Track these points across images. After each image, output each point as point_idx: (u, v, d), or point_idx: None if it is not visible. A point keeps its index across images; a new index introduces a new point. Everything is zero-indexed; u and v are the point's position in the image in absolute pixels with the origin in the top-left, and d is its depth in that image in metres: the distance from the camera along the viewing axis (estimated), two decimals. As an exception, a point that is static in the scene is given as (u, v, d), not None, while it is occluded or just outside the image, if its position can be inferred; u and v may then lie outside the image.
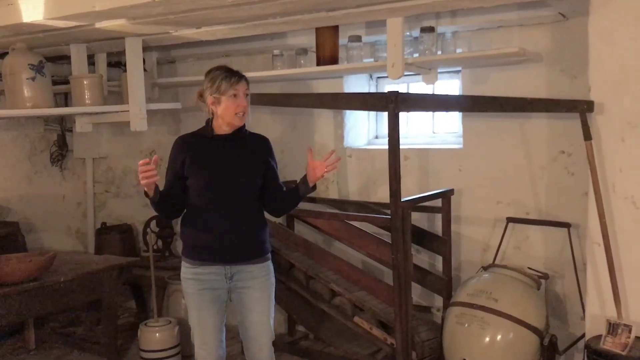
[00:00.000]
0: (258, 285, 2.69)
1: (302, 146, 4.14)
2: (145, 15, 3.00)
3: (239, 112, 2.62)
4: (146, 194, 2.55)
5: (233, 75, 2.62)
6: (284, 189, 2.79)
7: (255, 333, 2.72)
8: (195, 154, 2.66)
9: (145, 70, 3.97)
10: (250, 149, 2.73)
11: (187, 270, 2.69)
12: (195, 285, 2.66)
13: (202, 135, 2.71)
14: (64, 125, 5.09)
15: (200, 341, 2.71)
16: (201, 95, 2.69)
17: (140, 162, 2.45)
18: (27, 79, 3.47)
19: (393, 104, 2.70)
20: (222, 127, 2.68)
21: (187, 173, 2.65)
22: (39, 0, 2.99)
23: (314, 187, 2.68)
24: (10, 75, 3.50)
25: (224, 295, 2.71)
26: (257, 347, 2.74)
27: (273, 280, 2.77)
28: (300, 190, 2.69)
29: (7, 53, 3.61)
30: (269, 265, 2.76)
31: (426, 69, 3.44)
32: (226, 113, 2.62)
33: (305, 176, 2.66)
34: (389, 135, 2.75)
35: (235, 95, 2.60)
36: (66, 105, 4.80)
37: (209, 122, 2.70)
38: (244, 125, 2.74)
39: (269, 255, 2.77)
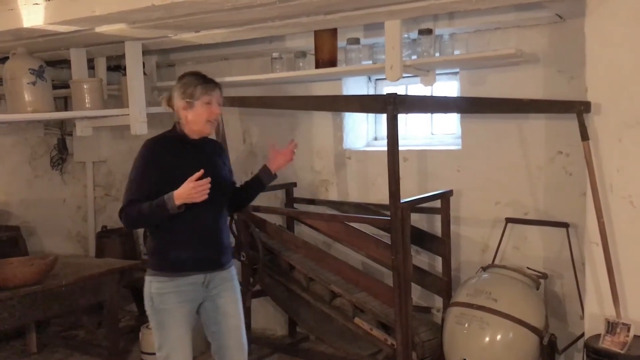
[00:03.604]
0: (231, 288, 2.67)
1: (302, 148, 4.14)
2: (145, 19, 3.01)
3: (212, 120, 2.57)
4: (165, 207, 2.41)
5: (209, 82, 2.57)
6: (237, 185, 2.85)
7: (235, 339, 2.66)
8: (174, 160, 2.55)
9: (144, 73, 3.98)
10: (216, 152, 2.72)
11: (163, 284, 2.55)
12: (175, 298, 2.54)
13: (176, 140, 2.61)
14: (63, 129, 5.11)
15: (181, 357, 2.56)
16: (169, 100, 2.64)
17: (202, 182, 2.40)
18: (27, 83, 3.47)
19: (392, 106, 2.71)
20: (191, 133, 2.61)
21: (165, 180, 2.49)
22: (39, 5, 3.00)
23: (276, 175, 2.82)
24: (11, 79, 3.51)
25: (196, 309, 2.63)
26: (240, 354, 2.67)
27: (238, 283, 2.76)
28: (264, 179, 2.78)
29: (7, 58, 3.62)
30: (234, 268, 2.74)
31: (424, 71, 3.46)
32: (198, 119, 2.55)
33: (265, 166, 2.80)
34: (388, 136, 2.77)
35: (209, 103, 2.55)
36: (66, 109, 4.81)
37: (176, 127, 2.62)
38: None
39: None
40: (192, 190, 2.40)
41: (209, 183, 2.42)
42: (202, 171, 2.43)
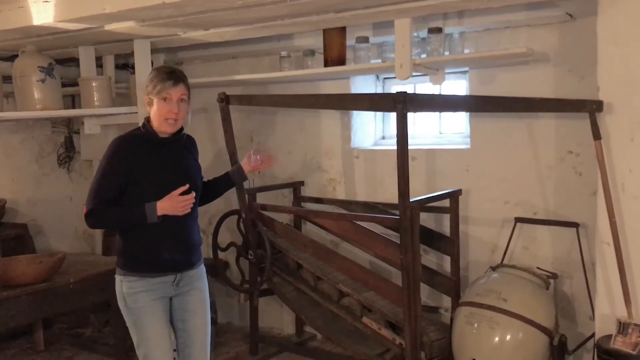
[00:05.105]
0: (200, 286, 2.65)
1: (310, 148, 4.17)
2: (155, 17, 3.02)
3: (170, 119, 2.45)
4: (144, 216, 2.42)
5: (170, 77, 2.43)
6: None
7: (200, 337, 2.65)
8: (142, 160, 2.46)
9: (153, 72, 3.98)
10: (188, 150, 2.66)
11: (134, 284, 2.50)
12: (148, 296, 2.50)
13: (144, 139, 2.51)
14: (71, 127, 5.11)
15: (160, 354, 2.53)
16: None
17: (188, 197, 2.45)
18: (37, 81, 3.48)
19: (401, 105, 2.70)
20: (158, 131, 2.51)
21: (132, 181, 2.44)
22: (49, 3, 3.01)
23: (247, 177, 2.94)
24: (20, 77, 3.52)
25: (169, 303, 2.61)
26: (203, 352, 2.66)
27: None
28: (236, 179, 2.89)
29: (17, 55, 3.63)
30: (204, 266, 2.73)
31: (434, 70, 3.44)
32: (155, 117, 2.47)
33: (240, 166, 2.89)
34: (398, 135, 2.75)
35: (165, 99, 2.43)
36: (73, 107, 4.81)
37: (147, 124, 2.52)
38: (182, 128, 2.60)
39: None
40: (178, 205, 2.43)
41: (181, 184, 2.45)
42: (187, 186, 2.47)
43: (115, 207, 2.46)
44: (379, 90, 4.09)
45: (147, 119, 2.53)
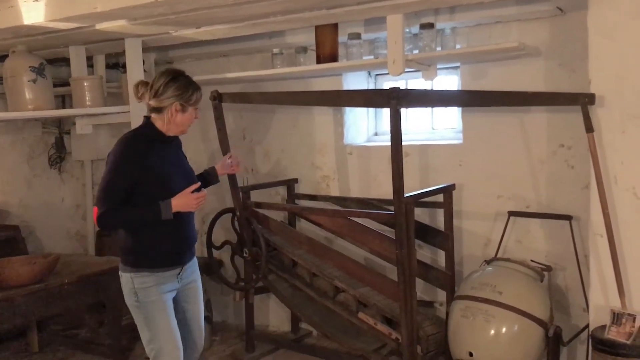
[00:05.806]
0: (197, 277, 2.82)
1: (303, 145, 4.17)
2: (147, 15, 3.01)
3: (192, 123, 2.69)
4: (159, 214, 2.50)
5: (199, 88, 2.63)
6: None
7: (198, 324, 2.82)
8: (152, 159, 2.54)
9: (144, 71, 3.96)
10: (179, 147, 2.79)
11: (146, 279, 2.56)
12: (158, 290, 2.59)
13: (151, 138, 2.59)
14: (61, 127, 5.08)
15: (172, 347, 2.61)
16: (142, 85, 2.59)
17: (202, 194, 2.60)
18: (28, 81, 3.47)
19: (395, 100, 2.71)
20: (167, 131, 2.60)
21: (147, 179, 2.51)
22: (39, 2, 2.99)
23: (219, 180, 3.10)
24: (11, 77, 3.50)
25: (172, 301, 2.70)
26: (199, 338, 2.83)
27: None
28: (210, 181, 3.00)
29: (7, 55, 3.60)
30: (196, 258, 2.86)
31: (426, 65, 3.46)
32: (185, 122, 2.62)
33: (214, 168, 3.06)
34: (392, 131, 2.77)
35: (196, 108, 2.64)
36: (63, 107, 4.78)
37: (151, 123, 2.60)
38: None
39: None
40: (192, 202, 2.56)
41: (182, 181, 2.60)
42: (199, 183, 2.64)
43: (128, 208, 2.52)
44: (371, 87, 4.10)
45: (148, 118, 2.61)
